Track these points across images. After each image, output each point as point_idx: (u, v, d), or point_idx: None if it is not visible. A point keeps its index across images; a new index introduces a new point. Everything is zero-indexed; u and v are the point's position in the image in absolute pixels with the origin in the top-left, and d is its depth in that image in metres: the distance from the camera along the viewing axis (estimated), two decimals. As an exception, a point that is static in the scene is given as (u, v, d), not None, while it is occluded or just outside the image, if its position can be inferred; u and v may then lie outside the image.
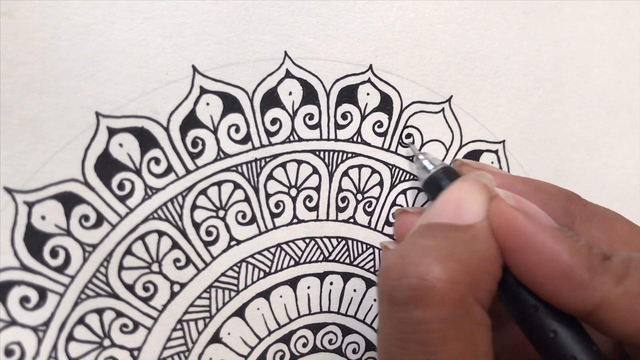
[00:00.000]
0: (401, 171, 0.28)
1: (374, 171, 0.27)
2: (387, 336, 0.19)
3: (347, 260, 0.27)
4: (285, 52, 0.25)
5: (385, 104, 0.27)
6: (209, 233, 0.25)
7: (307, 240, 0.26)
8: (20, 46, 0.21)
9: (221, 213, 0.25)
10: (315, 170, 0.26)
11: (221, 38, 0.24)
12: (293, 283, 0.26)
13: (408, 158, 0.28)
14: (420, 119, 0.28)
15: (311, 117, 0.26)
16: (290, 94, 0.25)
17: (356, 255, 0.27)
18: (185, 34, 0.23)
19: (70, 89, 0.22)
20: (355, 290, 0.28)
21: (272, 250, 0.26)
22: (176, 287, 0.24)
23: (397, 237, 0.27)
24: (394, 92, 0.27)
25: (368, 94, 0.27)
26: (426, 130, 0.28)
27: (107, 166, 0.23)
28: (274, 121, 0.25)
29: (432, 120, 0.28)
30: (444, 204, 0.21)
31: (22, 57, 0.21)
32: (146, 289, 0.24)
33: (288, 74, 0.25)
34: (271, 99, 0.25)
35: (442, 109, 0.28)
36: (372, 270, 0.28)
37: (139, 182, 0.23)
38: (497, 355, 0.26)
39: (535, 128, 0.31)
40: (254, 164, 0.25)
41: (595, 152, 0.32)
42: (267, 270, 0.26)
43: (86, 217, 0.23)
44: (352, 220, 0.27)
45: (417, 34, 0.27)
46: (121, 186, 0.23)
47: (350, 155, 0.27)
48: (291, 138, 0.26)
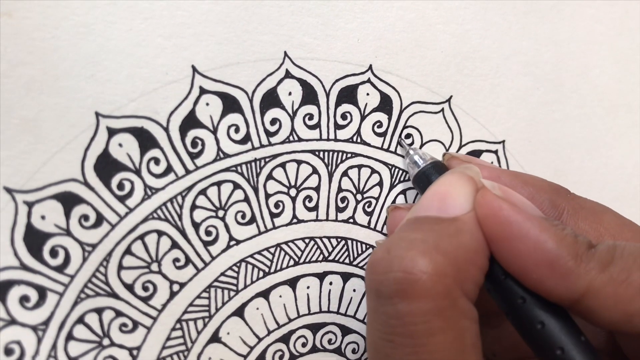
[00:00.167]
0: (401, 171, 0.28)
1: (374, 171, 0.27)
2: (375, 330, 0.20)
3: (347, 260, 0.27)
4: (285, 53, 0.25)
5: (385, 104, 0.27)
6: (208, 233, 0.25)
7: (307, 240, 0.26)
8: (20, 46, 0.21)
9: (221, 213, 0.25)
10: (315, 171, 0.26)
11: (221, 38, 0.24)
12: (292, 283, 0.26)
13: (401, 155, 0.28)
14: (420, 119, 0.28)
15: (311, 117, 0.26)
16: (290, 94, 0.25)
17: (356, 255, 0.27)
18: (185, 34, 0.23)
19: (70, 89, 0.22)
20: (354, 290, 0.28)
21: (272, 250, 0.26)
22: (175, 287, 0.24)
23: (389, 233, 0.27)
24: (393, 92, 0.27)
25: (368, 94, 0.27)
26: (426, 130, 0.28)
27: (107, 166, 0.23)
28: (273, 121, 0.25)
29: (431, 121, 0.28)
30: (430, 198, 0.21)
31: (22, 57, 0.21)
32: (145, 289, 0.24)
33: (288, 74, 0.25)
34: (271, 99, 0.25)
35: (442, 109, 0.28)
36: (371, 270, 0.28)
37: (138, 182, 0.23)
38: (497, 353, 0.26)
39: (535, 128, 0.31)
40: (253, 164, 0.25)
41: (595, 152, 0.32)
42: (267, 270, 0.26)
43: (86, 217, 0.23)
44: (351, 220, 0.27)
45: (417, 34, 0.27)
46: (121, 186, 0.23)
47: (349, 155, 0.27)
48: (291, 138, 0.26)
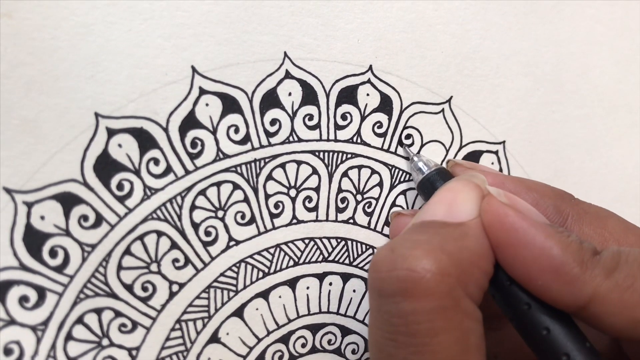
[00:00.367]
0: (401, 172, 0.28)
1: (374, 172, 0.27)
2: (377, 330, 0.20)
3: (347, 261, 0.27)
4: (285, 53, 0.25)
5: (385, 105, 0.27)
6: (208, 233, 0.25)
7: (307, 241, 0.26)
8: (20, 47, 0.21)
9: (220, 213, 0.25)
10: (315, 171, 0.26)
11: (221, 39, 0.24)
12: (292, 283, 0.26)
13: (405, 158, 0.28)
14: (420, 119, 0.28)
15: (311, 117, 0.26)
16: (289, 94, 0.25)
17: (355, 256, 0.27)
18: (185, 34, 0.23)
19: (69, 90, 0.22)
20: (354, 291, 0.28)
21: (271, 250, 0.26)
22: (175, 287, 0.24)
23: (392, 238, 0.27)
24: (393, 92, 0.27)
25: (368, 94, 0.27)
26: (426, 131, 0.28)
27: (106, 167, 0.23)
28: (273, 122, 0.25)
29: (432, 121, 0.28)
30: (436, 203, 0.21)
31: (22, 58, 0.21)
32: (145, 289, 0.24)
33: (288, 75, 0.25)
34: (271, 100, 0.25)
35: (442, 110, 0.28)
36: (371, 270, 0.28)
37: (138, 182, 0.23)
38: (499, 355, 0.26)
39: (536, 129, 0.31)
40: (253, 164, 0.25)
41: (596, 153, 0.32)
42: (266, 270, 0.26)
43: (85, 217, 0.23)
44: (351, 220, 0.27)
45: (417, 34, 0.27)
46: (120, 186, 0.23)
47: (349, 155, 0.27)
48: (291, 139, 0.26)
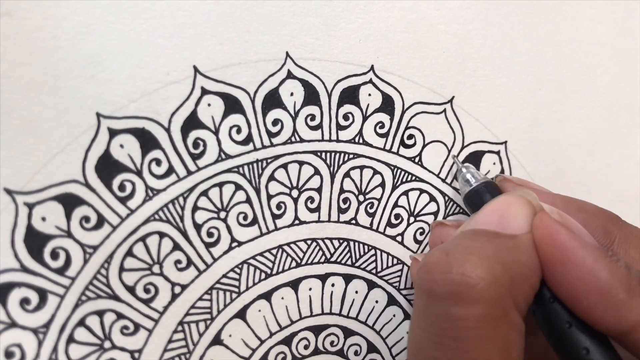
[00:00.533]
0: (403, 172, 0.28)
1: (376, 172, 0.27)
2: (421, 331, 0.20)
3: (349, 262, 0.27)
4: (287, 53, 0.25)
5: (386, 105, 0.27)
6: (210, 234, 0.24)
7: (309, 242, 0.26)
8: (21, 47, 0.21)
9: (222, 214, 0.25)
10: (317, 171, 0.26)
11: (222, 38, 0.24)
12: (294, 284, 0.26)
13: (405, 158, 0.28)
14: (422, 119, 0.28)
15: (313, 117, 0.26)
16: (291, 94, 0.25)
17: (358, 257, 0.27)
18: (187, 34, 0.23)
19: (70, 90, 0.22)
20: (357, 292, 0.27)
21: (274, 251, 0.26)
22: (177, 289, 0.24)
23: (431, 247, 0.28)
24: (395, 92, 0.27)
25: (370, 94, 0.27)
26: (428, 131, 0.28)
27: (108, 167, 0.23)
28: (275, 122, 0.25)
29: (433, 121, 0.28)
30: (489, 214, 0.22)
31: (23, 58, 0.21)
32: (147, 291, 0.23)
33: (289, 75, 0.25)
34: (272, 100, 0.25)
35: (444, 110, 0.28)
36: (373, 272, 0.28)
37: (139, 183, 0.23)
38: None
39: (537, 129, 0.30)
40: (255, 165, 0.25)
41: (597, 153, 0.32)
42: (269, 271, 0.26)
43: (87, 219, 0.22)
44: (353, 221, 0.27)
45: (418, 34, 0.27)
46: (122, 187, 0.23)
47: (351, 156, 0.27)
48: (293, 139, 0.26)
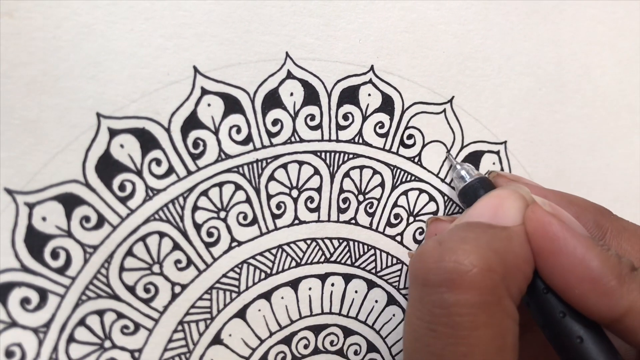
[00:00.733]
0: (403, 172, 0.28)
1: (376, 172, 0.27)
2: (416, 320, 0.20)
3: (349, 262, 0.27)
4: (287, 53, 0.25)
5: (386, 105, 0.27)
6: (210, 234, 0.24)
7: (309, 242, 0.26)
8: (21, 46, 0.21)
9: (222, 214, 0.25)
10: (317, 171, 0.26)
11: (222, 39, 0.24)
12: (294, 284, 0.26)
13: (406, 158, 0.28)
14: (422, 119, 0.28)
15: (312, 118, 0.26)
16: (291, 94, 0.25)
17: (357, 257, 0.27)
18: (187, 34, 0.23)
19: (71, 90, 0.22)
20: (356, 292, 0.27)
21: (273, 251, 0.26)
22: (177, 289, 0.24)
23: None
24: (395, 92, 0.27)
25: (369, 94, 0.27)
26: (428, 131, 0.28)
27: (108, 167, 0.23)
28: (275, 122, 0.25)
29: (433, 121, 0.28)
30: (483, 207, 0.22)
31: (23, 58, 0.21)
32: (147, 291, 0.23)
33: (289, 75, 0.25)
34: (272, 100, 0.25)
35: (444, 110, 0.28)
36: (373, 271, 0.28)
37: (140, 183, 0.23)
38: None
39: (537, 129, 0.30)
40: (255, 165, 0.25)
41: (597, 153, 0.32)
42: (268, 271, 0.26)
43: (87, 219, 0.22)
44: (353, 221, 0.27)
45: (418, 34, 0.27)
46: (122, 187, 0.23)
47: (351, 156, 0.27)
48: (292, 139, 0.26)
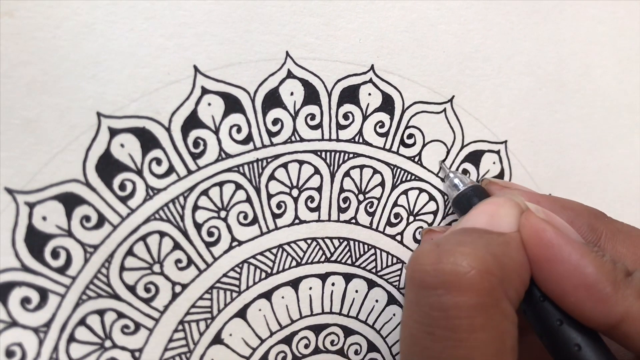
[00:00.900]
0: (403, 171, 0.28)
1: (376, 171, 0.27)
2: (414, 322, 0.20)
3: (349, 261, 0.27)
4: (287, 52, 0.25)
5: (386, 104, 0.27)
6: (210, 234, 0.24)
7: (309, 241, 0.26)
8: (21, 46, 0.21)
9: (223, 214, 0.25)
10: (317, 171, 0.26)
11: (223, 38, 0.24)
12: (295, 284, 0.26)
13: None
14: (422, 119, 0.28)
15: (313, 117, 0.26)
16: (291, 94, 0.25)
17: (358, 256, 0.27)
18: (187, 34, 0.23)
19: (71, 89, 0.22)
20: (357, 291, 0.27)
21: (274, 251, 0.26)
22: (178, 288, 0.24)
23: None
24: (395, 92, 0.27)
25: (370, 94, 0.27)
26: (428, 130, 0.28)
27: (109, 167, 0.23)
28: (275, 121, 0.25)
29: (433, 121, 0.28)
30: (478, 213, 0.22)
31: (23, 57, 0.21)
32: (147, 290, 0.23)
33: (290, 74, 0.25)
34: (273, 99, 0.25)
35: (444, 109, 0.28)
36: (373, 271, 0.28)
37: (140, 182, 0.23)
38: None
39: (538, 128, 0.30)
40: (255, 164, 0.25)
41: (597, 153, 0.32)
42: (269, 271, 0.26)
43: (87, 218, 0.22)
44: (353, 220, 0.27)
45: (418, 34, 0.27)
46: (122, 187, 0.23)
47: (351, 155, 0.27)
48: (293, 138, 0.26)
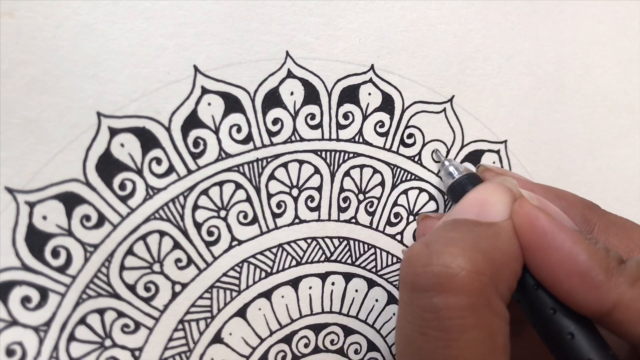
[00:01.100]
0: (403, 171, 0.28)
1: (376, 171, 0.27)
2: (407, 323, 0.20)
3: (349, 261, 0.27)
4: (287, 52, 0.25)
5: (386, 104, 0.27)
6: (210, 233, 0.25)
7: (309, 241, 0.26)
8: (22, 46, 0.21)
9: (223, 213, 0.25)
10: (317, 170, 0.26)
11: (223, 38, 0.24)
12: (295, 283, 0.26)
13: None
14: (422, 119, 0.28)
15: (313, 117, 0.26)
16: (291, 93, 0.25)
17: (358, 256, 0.27)
18: (187, 34, 0.23)
19: (71, 89, 0.22)
20: (357, 291, 0.28)
21: (274, 250, 0.26)
22: (177, 287, 0.24)
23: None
24: (395, 92, 0.27)
25: (370, 93, 0.27)
26: (428, 130, 0.28)
27: (109, 166, 0.23)
28: (275, 121, 0.25)
29: (433, 120, 0.28)
30: (469, 203, 0.22)
31: (24, 57, 0.21)
32: (147, 289, 0.24)
33: (290, 74, 0.25)
34: (273, 99, 0.25)
35: (444, 109, 0.28)
36: (373, 270, 0.28)
37: (140, 182, 0.23)
38: None
39: (538, 128, 0.30)
40: (255, 164, 0.25)
41: (597, 153, 0.32)
42: (269, 270, 0.26)
43: (87, 217, 0.22)
44: (353, 220, 0.27)
45: (418, 34, 0.27)
46: (122, 186, 0.23)
47: (351, 155, 0.27)
48: (293, 138, 0.26)
